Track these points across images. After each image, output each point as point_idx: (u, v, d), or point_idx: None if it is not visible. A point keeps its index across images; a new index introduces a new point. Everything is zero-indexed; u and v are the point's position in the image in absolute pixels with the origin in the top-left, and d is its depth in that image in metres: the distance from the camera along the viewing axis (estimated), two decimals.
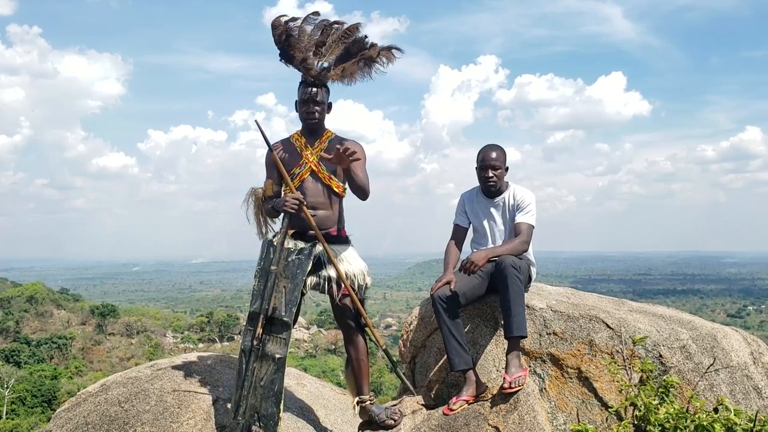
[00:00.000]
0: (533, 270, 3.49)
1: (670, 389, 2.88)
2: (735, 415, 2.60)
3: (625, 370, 3.08)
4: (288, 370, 3.81)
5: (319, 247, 3.20)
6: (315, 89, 3.23)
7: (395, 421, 3.30)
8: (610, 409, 2.97)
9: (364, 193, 3.28)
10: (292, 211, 3.10)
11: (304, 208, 3.14)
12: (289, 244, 3.17)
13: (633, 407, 2.85)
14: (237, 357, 3.30)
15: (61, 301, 56.28)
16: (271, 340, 3.02)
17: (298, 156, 3.27)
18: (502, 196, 3.48)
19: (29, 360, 40.02)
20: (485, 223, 3.50)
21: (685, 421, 2.62)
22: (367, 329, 3.36)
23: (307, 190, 3.24)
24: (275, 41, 3.22)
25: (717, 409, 2.70)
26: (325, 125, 3.36)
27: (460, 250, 3.56)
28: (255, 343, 3.00)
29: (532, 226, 3.38)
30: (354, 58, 3.29)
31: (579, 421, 3.03)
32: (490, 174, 3.39)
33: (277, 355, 3.00)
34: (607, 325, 3.26)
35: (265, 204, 3.30)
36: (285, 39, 3.19)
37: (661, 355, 3.14)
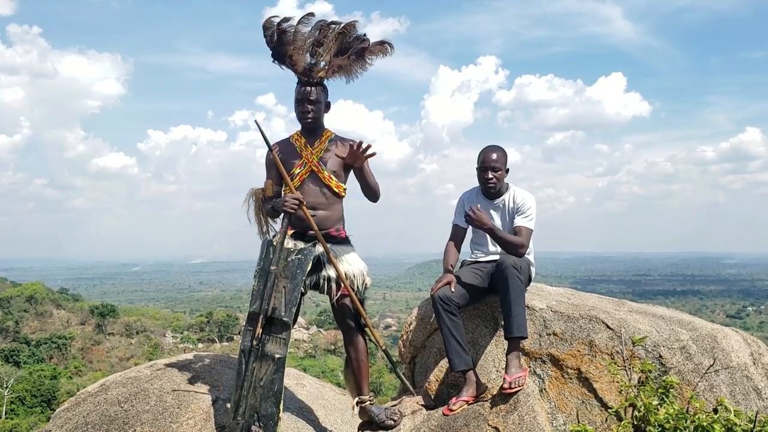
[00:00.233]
0: (533, 270, 3.49)
1: (670, 390, 2.88)
2: (735, 415, 2.60)
3: (625, 370, 3.07)
4: (287, 371, 3.81)
5: (319, 247, 3.20)
6: (309, 88, 3.21)
7: (395, 421, 3.30)
8: (609, 410, 2.97)
9: (375, 194, 3.28)
10: (292, 211, 3.10)
11: (304, 208, 3.14)
12: (289, 244, 3.17)
13: (633, 408, 2.85)
14: (236, 357, 3.29)
15: (61, 301, 56.25)
16: (271, 340, 3.01)
17: (298, 156, 3.27)
18: (502, 198, 3.47)
19: (29, 360, 40.02)
20: None
21: (685, 422, 2.62)
22: (366, 329, 3.36)
23: (308, 190, 3.23)
24: (267, 42, 3.21)
25: (717, 410, 2.70)
26: (324, 125, 3.34)
27: (460, 250, 3.55)
28: (255, 343, 3.00)
29: (531, 230, 3.39)
30: (346, 54, 3.26)
31: (579, 421, 3.03)
32: (490, 175, 3.39)
33: (277, 355, 2.99)
34: (607, 326, 3.26)
35: (265, 204, 3.29)
36: (276, 39, 3.17)
37: (661, 356, 3.14)
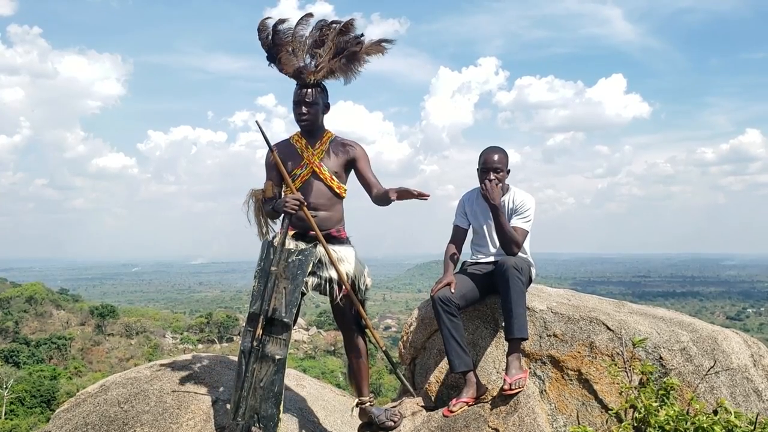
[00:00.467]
0: (533, 271, 3.49)
1: (671, 391, 2.88)
2: (735, 417, 2.60)
3: (626, 372, 3.07)
4: (287, 372, 3.81)
5: (320, 248, 3.20)
6: (306, 90, 3.18)
7: (395, 422, 3.29)
8: (610, 411, 2.97)
9: (386, 204, 3.21)
10: (293, 212, 3.09)
11: (305, 209, 3.13)
12: (290, 244, 3.16)
13: (633, 409, 2.85)
14: (236, 358, 3.29)
15: (61, 302, 56.19)
16: (271, 341, 3.01)
17: (300, 157, 3.26)
18: (502, 199, 3.47)
19: (28, 360, 40.01)
20: (485, 224, 3.50)
21: (686, 424, 2.62)
22: (367, 330, 3.36)
23: (309, 191, 3.22)
24: (261, 44, 3.19)
25: (717, 412, 2.70)
26: (324, 126, 3.33)
27: (460, 251, 3.55)
28: (255, 344, 2.99)
29: (527, 231, 3.39)
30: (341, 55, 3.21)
31: (579, 423, 3.03)
32: (492, 177, 3.38)
33: (277, 356, 2.99)
34: (608, 327, 3.26)
35: (265, 205, 3.29)
36: (270, 41, 3.15)
37: (661, 357, 3.13)
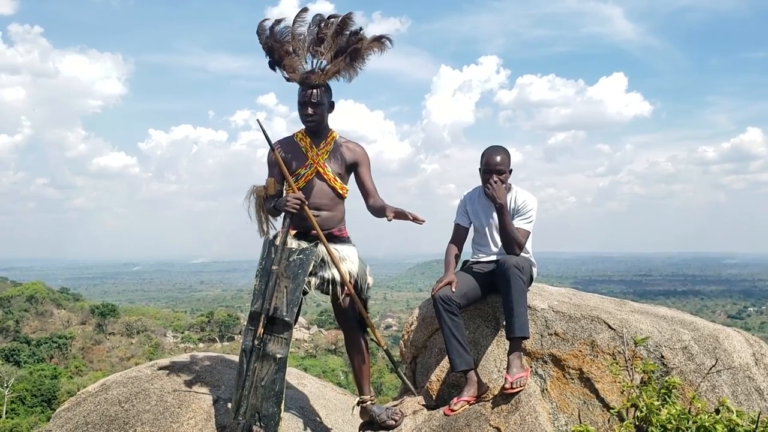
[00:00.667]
0: (535, 270, 3.49)
1: (672, 390, 2.87)
2: (737, 416, 2.59)
3: (627, 371, 3.07)
4: (288, 370, 3.81)
5: (321, 247, 3.19)
6: (311, 91, 3.16)
7: (396, 421, 3.29)
8: (611, 410, 2.96)
9: (380, 217, 3.21)
10: (294, 210, 3.09)
11: (306, 208, 3.13)
12: (292, 243, 3.16)
13: (635, 408, 2.84)
14: (237, 357, 3.29)
15: (61, 301, 56.24)
16: (272, 340, 3.01)
17: (304, 157, 3.25)
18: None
19: (29, 359, 40.04)
20: (486, 223, 3.49)
21: (687, 422, 2.61)
22: (368, 329, 3.36)
23: (313, 191, 3.22)
24: (262, 47, 3.16)
25: (719, 411, 2.69)
26: (328, 125, 3.32)
27: (461, 250, 3.54)
28: (256, 342, 2.99)
29: (529, 232, 3.39)
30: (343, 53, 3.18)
31: (581, 422, 3.02)
32: (495, 179, 3.37)
33: (278, 355, 2.99)
34: (609, 326, 3.26)
35: (266, 202, 3.28)
36: (270, 45, 3.12)
37: (662, 356, 3.13)
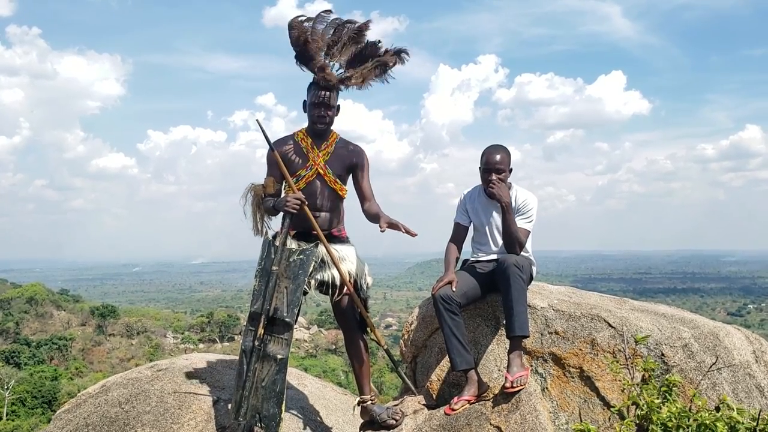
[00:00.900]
0: (534, 269, 3.49)
1: (673, 388, 2.87)
2: (738, 413, 2.59)
3: (627, 369, 3.07)
4: (288, 370, 3.81)
5: (321, 248, 3.19)
6: (329, 93, 3.17)
7: (397, 421, 3.29)
8: (612, 409, 2.96)
9: (373, 223, 3.23)
10: (293, 211, 3.09)
11: (306, 208, 3.13)
12: (291, 244, 3.16)
13: (635, 406, 2.84)
14: (238, 357, 3.29)
15: (61, 302, 56.21)
16: (273, 340, 3.01)
17: (305, 157, 3.24)
18: None
19: (29, 361, 40.00)
20: (486, 222, 3.49)
21: (688, 420, 2.61)
22: (368, 329, 3.36)
23: (313, 191, 3.22)
24: (292, 42, 3.15)
25: (719, 408, 2.69)
26: (331, 127, 3.32)
27: (461, 249, 3.54)
28: (256, 343, 2.99)
29: (529, 231, 3.40)
30: (367, 62, 3.22)
31: (581, 420, 3.03)
32: (494, 177, 3.37)
33: (279, 356, 2.99)
34: (609, 324, 3.26)
35: (264, 201, 3.28)
36: (303, 41, 3.12)
37: (663, 354, 3.13)
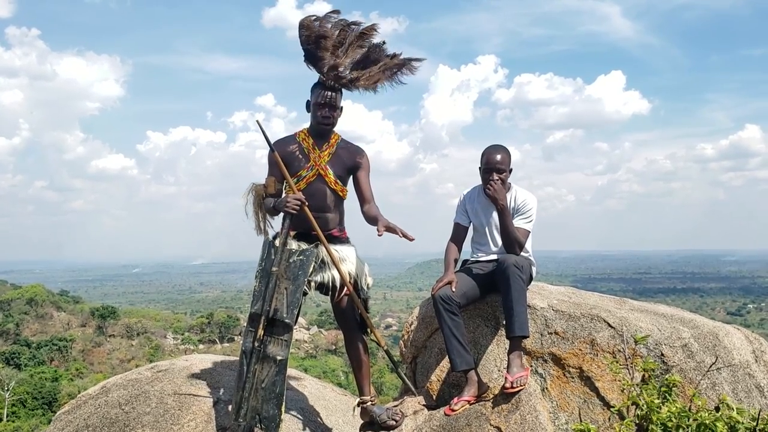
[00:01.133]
0: (534, 269, 3.49)
1: (672, 388, 2.87)
2: (737, 413, 2.59)
3: (627, 369, 3.07)
4: (288, 371, 3.81)
5: (321, 248, 3.19)
6: (334, 93, 3.16)
7: (396, 421, 3.29)
8: (612, 409, 2.96)
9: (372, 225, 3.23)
10: (294, 211, 3.09)
11: (306, 209, 3.13)
12: (292, 245, 3.16)
13: (635, 406, 2.84)
14: (238, 358, 3.29)
15: (61, 303, 56.19)
16: (273, 341, 3.01)
17: (306, 158, 3.24)
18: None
19: (29, 362, 39.99)
20: (486, 222, 3.49)
21: (688, 420, 2.61)
22: (368, 330, 3.36)
23: (313, 192, 3.21)
24: (302, 42, 3.14)
25: (719, 408, 2.69)
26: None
27: (460, 249, 3.54)
28: (256, 344, 2.99)
29: (529, 231, 3.39)
30: (374, 65, 3.20)
31: (581, 420, 3.03)
32: (495, 177, 3.36)
33: (279, 357, 2.99)
34: (609, 325, 3.26)
35: (265, 201, 3.28)
36: (314, 41, 3.10)
37: (662, 354, 3.13)
